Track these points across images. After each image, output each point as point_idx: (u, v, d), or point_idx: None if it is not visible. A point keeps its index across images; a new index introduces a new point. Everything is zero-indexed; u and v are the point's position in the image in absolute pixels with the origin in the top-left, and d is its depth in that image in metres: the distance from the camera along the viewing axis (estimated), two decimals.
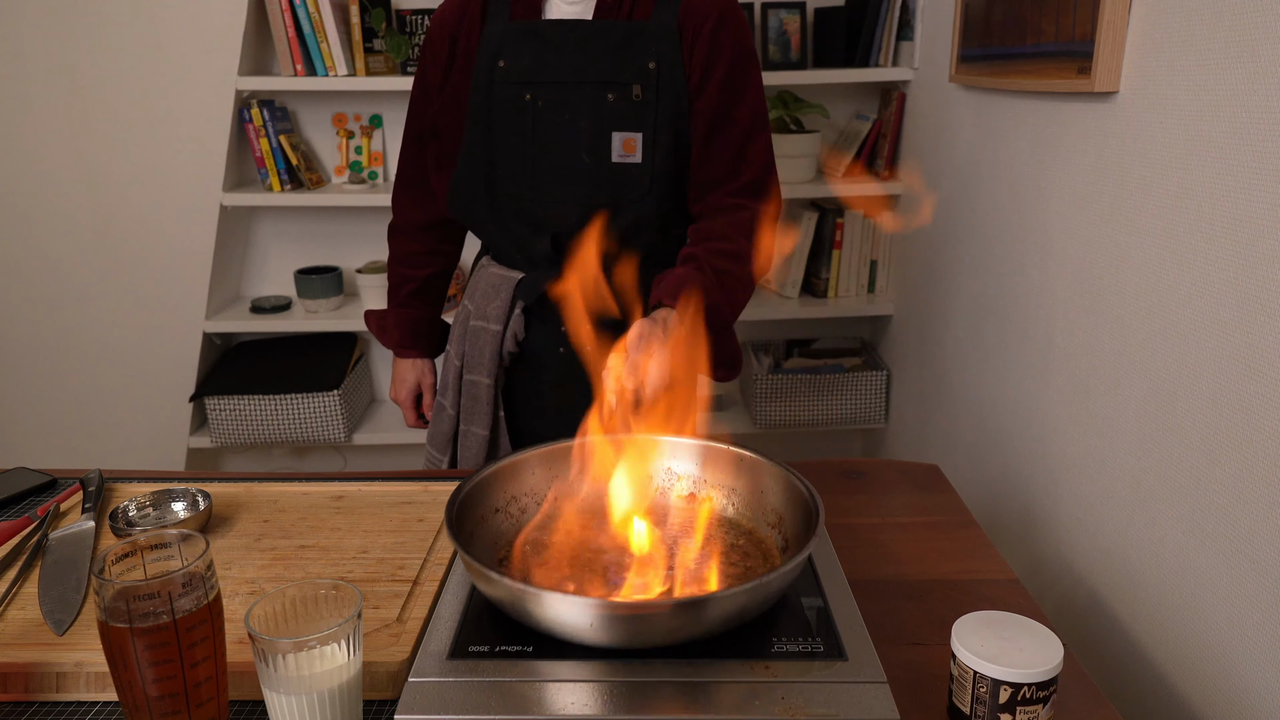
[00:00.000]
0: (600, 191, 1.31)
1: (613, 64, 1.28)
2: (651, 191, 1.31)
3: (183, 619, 0.68)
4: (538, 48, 1.29)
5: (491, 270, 1.41)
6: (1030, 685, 0.73)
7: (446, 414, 1.46)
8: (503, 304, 1.38)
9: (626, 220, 1.32)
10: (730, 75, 1.29)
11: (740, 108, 1.31)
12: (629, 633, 0.74)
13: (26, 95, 2.30)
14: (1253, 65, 0.99)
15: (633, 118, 1.29)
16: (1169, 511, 1.13)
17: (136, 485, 1.14)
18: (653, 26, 1.28)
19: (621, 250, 1.33)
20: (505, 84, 1.30)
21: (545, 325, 1.39)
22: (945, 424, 2.01)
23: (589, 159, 1.30)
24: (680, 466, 1.01)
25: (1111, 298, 1.27)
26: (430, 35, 1.39)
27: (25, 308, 2.47)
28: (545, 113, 1.30)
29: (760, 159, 1.34)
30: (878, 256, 2.48)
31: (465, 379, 1.42)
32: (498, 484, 0.95)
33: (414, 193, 1.51)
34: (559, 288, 1.07)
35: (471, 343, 1.40)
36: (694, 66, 1.29)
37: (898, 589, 0.97)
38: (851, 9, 2.34)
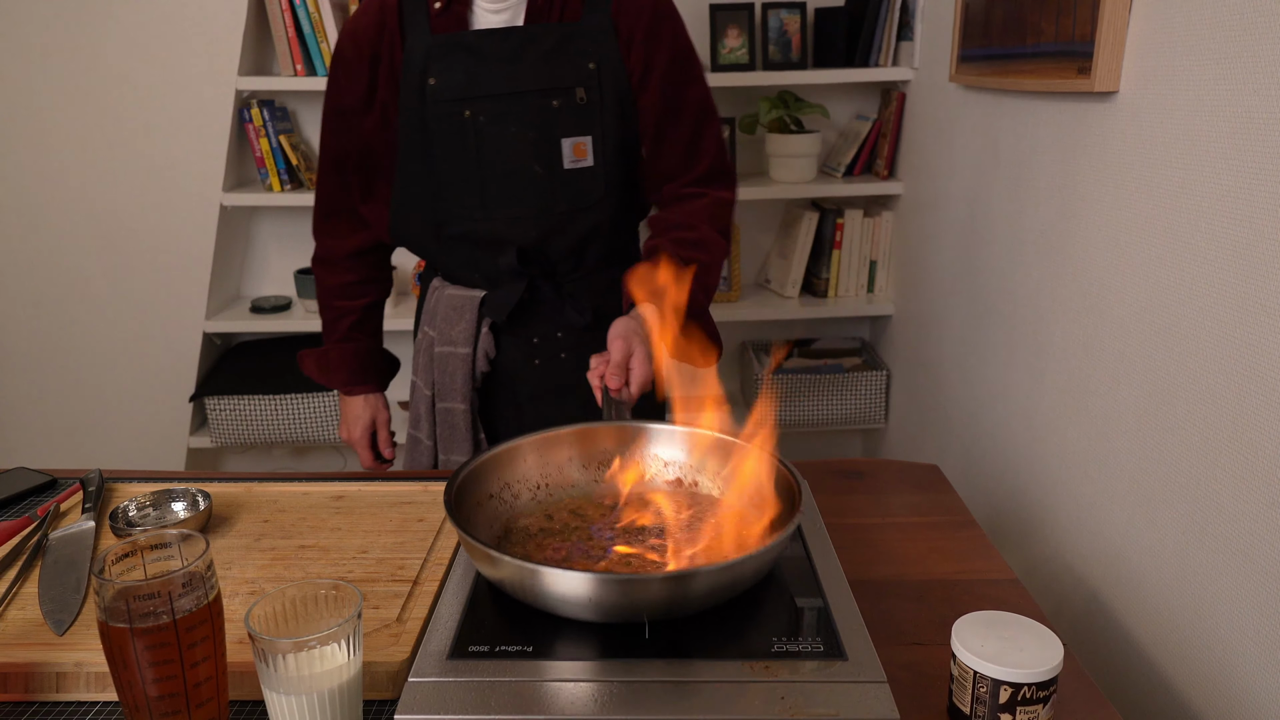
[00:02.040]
0: (556, 200, 1.28)
1: (552, 69, 1.24)
2: (607, 194, 1.30)
3: (183, 619, 0.68)
4: (469, 61, 1.24)
5: (449, 292, 1.36)
6: (1030, 685, 0.73)
7: (423, 446, 1.41)
8: (468, 325, 1.34)
9: (584, 225, 1.30)
10: (672, 67, 1.28)
11: (687, 99, 1.30)
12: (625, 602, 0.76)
13: (27, 95, 2.30)
14: (1253, 65, 0.99)
15: (580, 121, 1.26)
16: (1169, 511, 1.13)
17: (136, 485, 1.14)
18: (586, 27, 1.25)
19: (579, 255, 1.34)
20: (439, 102, 1.25)
21: (515, 339, 1.36)
22: (945, 424, 2.01)
23: (541, 169, 1.26)
24: (668, 453, 1.03)
25: (1111, 298, 1.27)
26: (342, 54, 1.31)
27: (25, 308, 2.47)
28: (487, 128, 1.25)
29: (713, 147, 1.33)
30: (878, 256, 2.48)
31: (439, 407, 1.37)
32: (492, 471, 0.96)
33: (339, 221, 1.42)
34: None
35: (441, 369, 1.36)
36: (634, 63, 1.27)
37: (898, 589, 0.97)
38: (851, 9, 2.34)
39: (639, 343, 1.13)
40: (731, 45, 2.38)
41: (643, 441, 1.03)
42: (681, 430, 1.02)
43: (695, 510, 0.96)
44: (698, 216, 1.29)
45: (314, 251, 1.46)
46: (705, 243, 1.27)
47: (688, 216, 1.29)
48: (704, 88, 1.32)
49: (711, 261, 1.28)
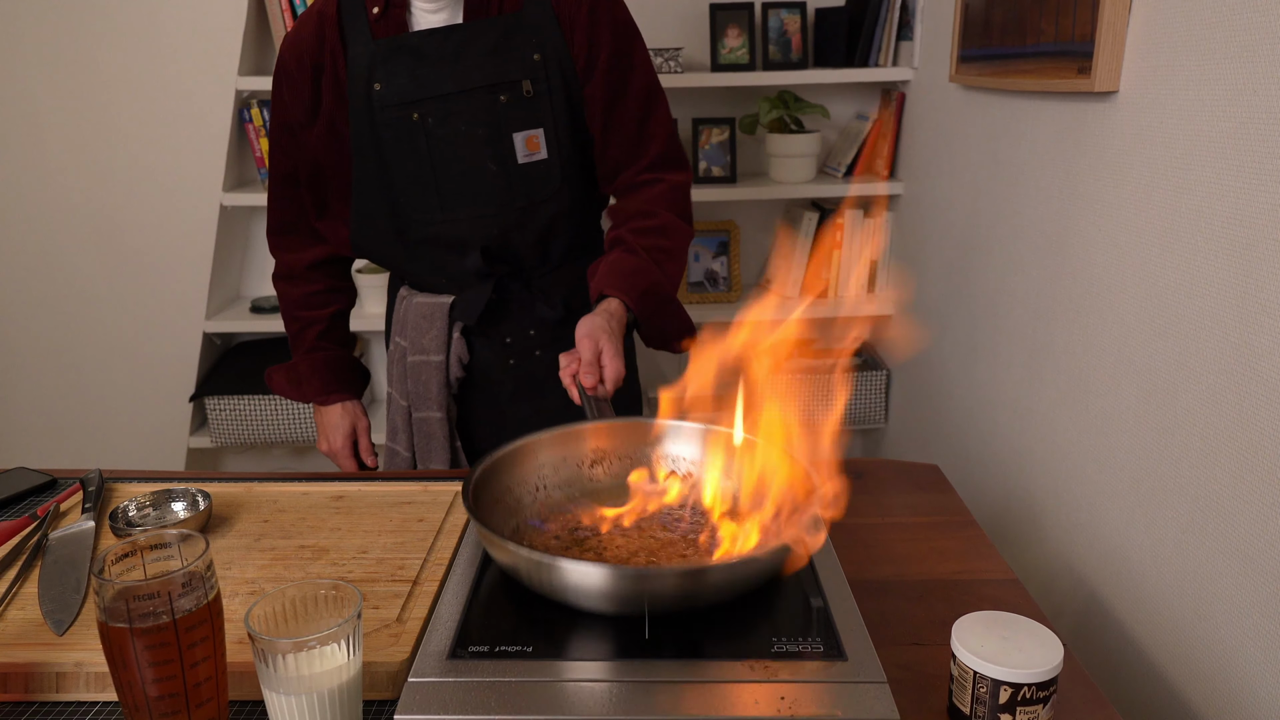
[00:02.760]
0: (514, 196, 1.27)
1: (496, 64, 1.23)
2: (564, 184, 1.29)
3: (183, 619, 0.68)
4: (412, 64, 1.23)
5: (418, 300, 1.35)
6: (1030, 685, 0.73)
7: (401, 457, 1.41)
8: (439, 332, 1.33)
9: (544, 218, 1.29)
10: (615, 53, 1.27)
11: (632, 84, 1.29)
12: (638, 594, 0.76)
13: (27, 95, 2.30)
14: (1253, 65, 0.99)
15: (529, 114, 1.25)
16: (1169, 511, 1.13)
17: (136, 485, 1.14)
18: (528, 18, 1.24)
19: (544, 250, 1.33)
20: (387, 108, 1.24)
21: (489, 342, 1.35)
22: (945, 424, 2.01)
23: (495, 166, 1.25)
24: (678, 449, 1.03)
25: (1111, 297, 1.27)
26: (284, 66, 1.29)
27: (26, 307, 2.47)
28: (437, 129, 1.24)
29: (662, 131, 1.32)
30: (878, 256, 2.48)
31: (415, 417, 1.36)
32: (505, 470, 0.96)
33: (294, 236, 1.40)
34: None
35: (414, 379, 1.35)
36: (577, 51, 1.25)
37: (898, 589, 0.97)
38: (851, 9, 2.34)
39: (607, 339, 1.12)
40: (731, 45, 2.38)
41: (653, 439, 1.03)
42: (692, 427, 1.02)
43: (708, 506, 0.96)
44: (656, 203, 1.29)
45: (274, 268, 1.45)
46: (667, 228, 1.27)
47: (646, 204, 1.29)
48: (649, 72, 1.31)
49: (674, 247, 1.27)
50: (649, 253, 1.24)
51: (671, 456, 1.03)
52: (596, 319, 1.15)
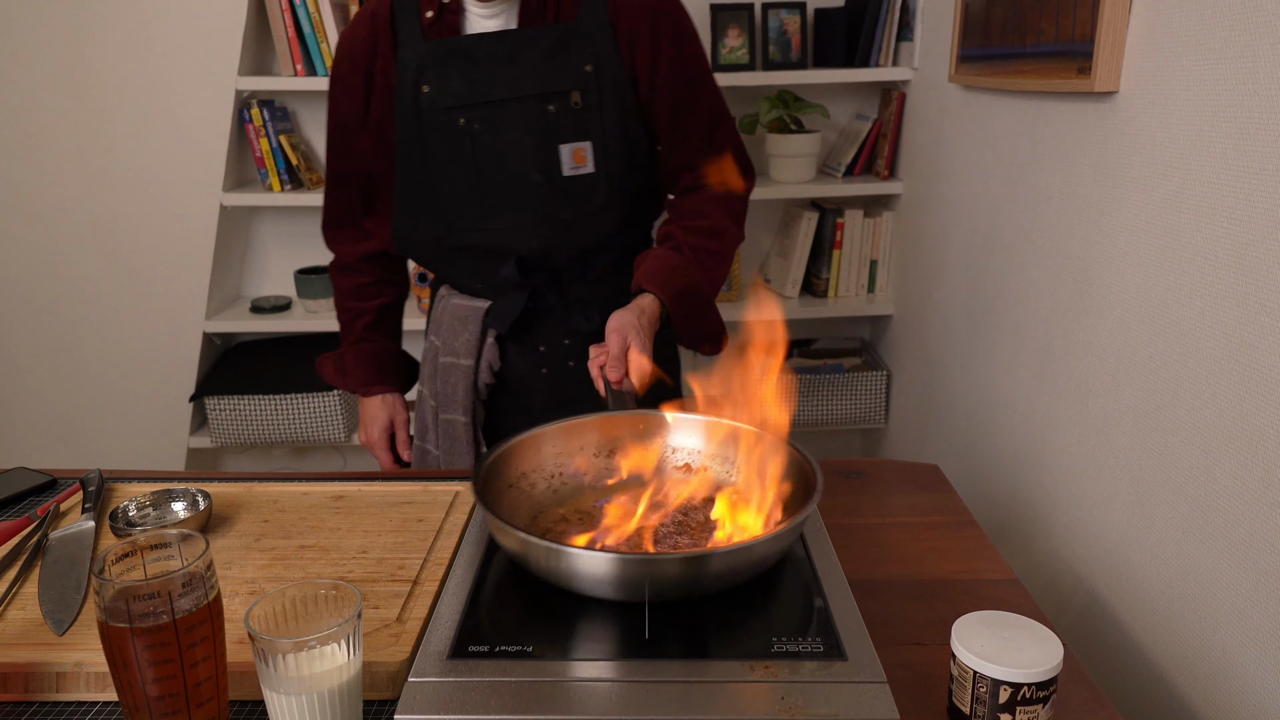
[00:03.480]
0: (557, 208, 1.25)
1: (547, 73, 1.21)
2: (611, 200, 1.26)
3: (183, 619, 0.68)
4: (464, 68, 1.21)
5: (454, 301, 1.34)
6: (1030, 685, 0.73)
7: (432, 455, 1.40)
8: (472, 336, 1.32)
9: (588, 232, 1.28)
10: (679, 68, 1.26)
11: (698, 100, 1.29)
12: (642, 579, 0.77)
13: (27, 95, 2.30)
14: (1253, 65, 0.99)
15: (578, 126, 1.23)
16: (1169, 511, 1.13)
17: (136, 485, 1.14)
18: (583, 26, 1.22)
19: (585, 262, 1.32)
20: (434, 111, 1.23)
21: (523, 349, 1.33)
22: (945, 424, 2.01)
23: (539, 176, 1.24)
24: (681, 440, 1.04)
25: (1111, 298, 1.27)
26: (338, 69, 1.29)
27: (25, 307, 2.47)
28: (484, 135, 1.23)
29: (729, 140, 1.32)
30: (878, 256, 2.48)
31: (441, 419, 1.35)
32: (514, 458, 0.98)
33: (347, 230, 1.42)
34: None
35: (443, 380, 1.34)
36: (639, 63, 1.24)
37: (898, 589, 0.97)
38: (851, 9, 2.34)
39: (635, 335, 1.12)
40: (731, 45, 2.38)
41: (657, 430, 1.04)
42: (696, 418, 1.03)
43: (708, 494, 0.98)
44: (712, 205, 1.28)
45: (332, 260, 1.46)
46: (716, 230, 1.26)
47: (702, 204, 1.28)
48: (713, 86, 1.31)
49: (723, 250, 1.27)
50: (695, 253, 1.23)
51: (676, 448, 1.04)
52: (628, 314, 1.15)
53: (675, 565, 0.77)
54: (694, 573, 0.78)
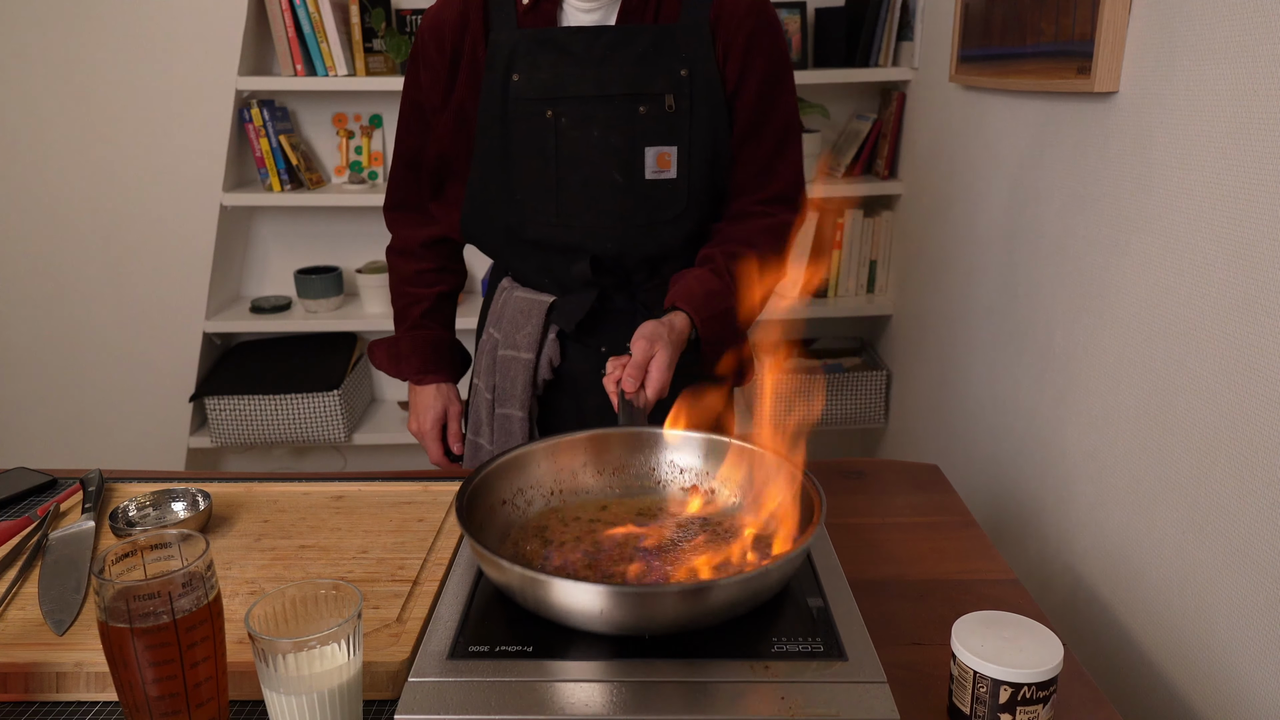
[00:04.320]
0: (635, 212, 1.22)
1: (642, 73, 1.19)
2: (689, 207, 1.24)
3: (183, 619, 0.68)
4: (556, 59, 1.19)
5: (518, 294, 1.31)
6: (1030, 685, 0.73)
7: (484, 451, 1.37)
8: (534, 330, 1.29)
9: (663, 238, 1.25)
10: (766, 82, 1.22)
11: (775, 118, 1.25)
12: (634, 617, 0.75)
13: (27, 95, 2.30)
14: (1252, 65, 0.99)
15: (666, 130, 1.20)
16: (1169, 511, 1.13)
17: (136, 485, 1.14)
18: (682, 29, 1.19)
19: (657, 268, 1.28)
20: (522, 100, 1.20)
21: (584, 349, 1.30)
22: (945, 424, 2.01)
23: (621, 177, 1.21)
24: (683, 459, 1.01)
25: (1111, 298, 1.27)
26: (423, 47, 1.25)
27: (25, 307, 2.47)
28: (569, 130, 1.20)
29: (791, 171, 1.28)
30: (878, 256, 2.48)
31: (498, 413, 1.33)
32: (504, 477, 0.95)
33: (411, 214, 1.40)
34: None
35: (502, 374, 1.31)
36: (729, 72, 1.21)
37: (898, 589, 0.97)
38: (851, 9, 2.34)
39: (663, 346, 1.09)
40: None
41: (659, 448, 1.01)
42: (699, 437, 1.00)
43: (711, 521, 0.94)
44: (761, 236, 1.24)
45: (390, 242, 1.44)
46: (760, 261, 1.23)
47: (749, 233, 1.25)
48: (792, 107, 1.27)
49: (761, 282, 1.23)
50: (735, 280, 1.20)
51: (676, 466, 1.01)
52: (659, 326, 1.12)
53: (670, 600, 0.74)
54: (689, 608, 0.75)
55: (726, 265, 1.21)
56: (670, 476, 1.01)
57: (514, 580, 0.77)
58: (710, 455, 1.00)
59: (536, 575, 0.75)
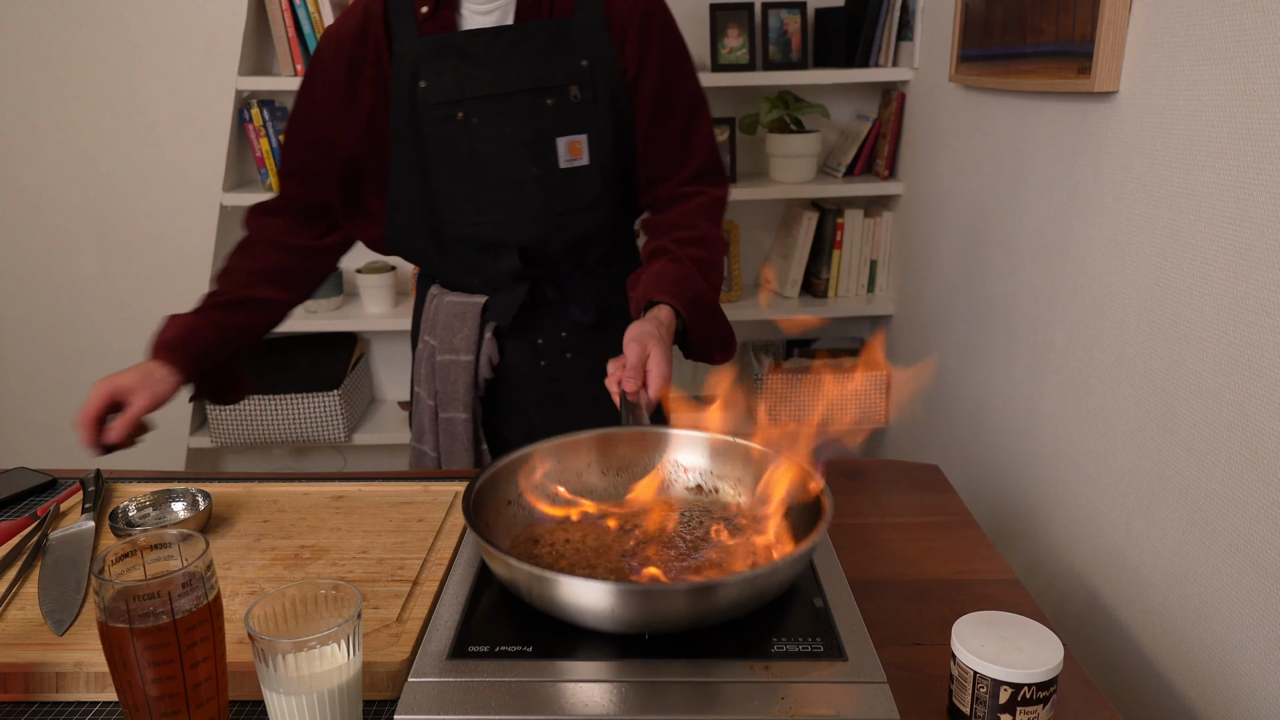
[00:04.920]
0: (554, 201, 1.27)
1: (544, 67, 1.23)
2: (604, 192, 1.28)
3: (183, 619, 0.68)
4: (460, 63, 1.23)
5: (449, 299, 1.34)
6: (1030, 685, 0.73)
7: (428, 458, 1.40)
8: (470, 332, 1.32)
9: (582, 224, 1.29)
10: (665, 64, 1.27)
11: (679, 96, 1.29)
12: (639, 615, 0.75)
13: (27, 95, 2.30)
14: (1253, 65, 0.99)
15: (574, 120, 1.25)
16: (1169, 511, 1.13)
17: (136, 485, 1.14)
18: (578, 23, 1.24)
19: (578, 255, 1.32)
20: (431, 105, 1.23)
21: (520, 343, 1.34)
22: (945, 424, 2.01)
23: (536, 169, 1.25)
24: (688, 459, 1.01)
25: (1111, 298, 1.27)
26: (319, 59, 1.26)
27: (25, 308, 2.47)
28: (481, 129, 1.24)
29: (705, 145, 1.32)
30: (878, 256, 2.48)
31: (441, 418, 1.36)
32: (510, 477, 0.95)
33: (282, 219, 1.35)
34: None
35: (442, 378, 1.34)
36: (627, 60, 1.25)
37: (898, 589, 0.97)
38: (851, 9, 2.34)
39: (655, 344, 1.11)
40: (731, 45, 2.38)
41: (663, 447, 1.01)
42: (704, 436, 1.00)
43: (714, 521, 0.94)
44: (696, 215, 1.29)
45: (247, 234, 1.36)
46: (707, 240, 1.27)
47: (686, 215, 1.29)
48: (696, 83, 1.32)
49: (714, 259, 1.28)
50: (693, 262, 1.23)
51: (683, 467, 1.01)
52: (646, 324, 1.14)
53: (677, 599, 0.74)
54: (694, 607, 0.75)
55: (681, 251, 1.24)
56: (675, 476, 1.01)
57: (521, 578, 0.77)
58: (715, 455, 1.00)
59: (544, 573, 0.75)
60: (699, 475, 1.01)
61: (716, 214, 1.32)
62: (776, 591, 0.81)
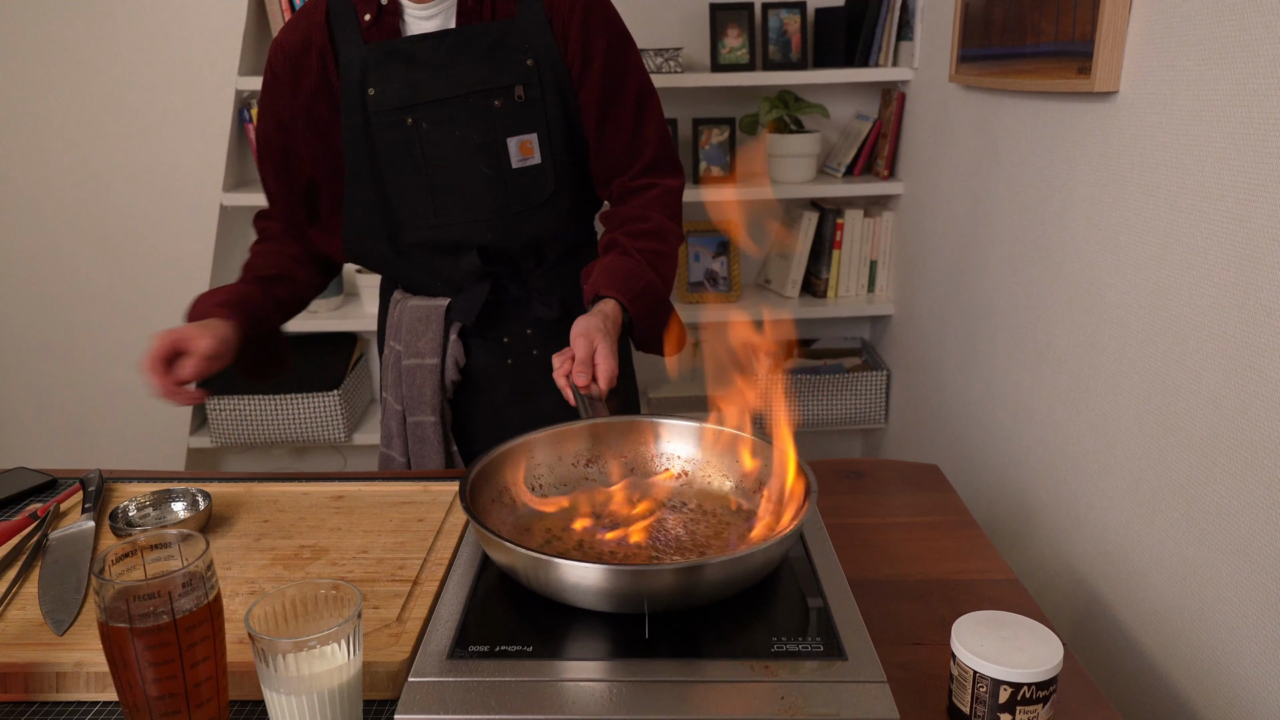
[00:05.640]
0: (509, 201, 1.27)
1: (490, 69, 1.24)
2: (558, 189, 1.29)
3: (183, 619, 0.68)
4: (407, 68, 1.23)
5: (412, 303, 1.35)
6: (1030, 685, 0.73)
7: (396, 462, 1.40)
8: (435, 334, 1.33)
9: (539, 222, 1.30)
10: (609, 59, 1.27)
11: (625, 89, 1.30)
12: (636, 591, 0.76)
13: (27, 95, 2.30)
14: (1253, 65, 0.99)
15: (523, 119, 1.25)
16: (1169, 511, 1.13)
17: (136, 485, 1.14)
18: (521, 23, 1.25)
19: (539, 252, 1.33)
20: (380, 112, 1.24)
21: (486, 342, 1.35)
22: (945, 424, 2.01)
23: (489, 171, 1.26)
24: (674, 447, 1.03)
25: (1111, 298, 1.27)
26: (269, 75, 1.27)
27: (25, 307, 2.47)
28: (431, 134, 1.24)
29: (656, 135, 1.33)
30: (878, 256, 2.48)
31: (410, 421, 1.36)
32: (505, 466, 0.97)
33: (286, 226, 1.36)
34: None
35: (409, 383, 1.34)
36: (571, 57, 1.26)
37: (898, 589, 0.97)
38: (851, 9, 2.34)
39: (601, 338, 1.13)
40: (731, 45, 2.38)
41: (646, 437, 1.04)
42: (685, 424, 1.03)
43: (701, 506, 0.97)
44: (650, 207, 1.30)
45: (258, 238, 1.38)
46: (661, 232, 1.28)
47: (640, 208, 1.30)
48: (642, 74, 1.32)
49: (668, 250, 1.29)
50: (644, 255, 1.25)
51: (668, 455, 1.04)
52: (592, 319, 1.16)
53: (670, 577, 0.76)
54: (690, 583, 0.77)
55: (633, 245, 1.25)
56: (664, 464, 1.04)
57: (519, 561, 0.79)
58: (703, 442, 1.02)
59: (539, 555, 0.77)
60: (675, 461, 1.03)
61: (671, 204, 1.33)
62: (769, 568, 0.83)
